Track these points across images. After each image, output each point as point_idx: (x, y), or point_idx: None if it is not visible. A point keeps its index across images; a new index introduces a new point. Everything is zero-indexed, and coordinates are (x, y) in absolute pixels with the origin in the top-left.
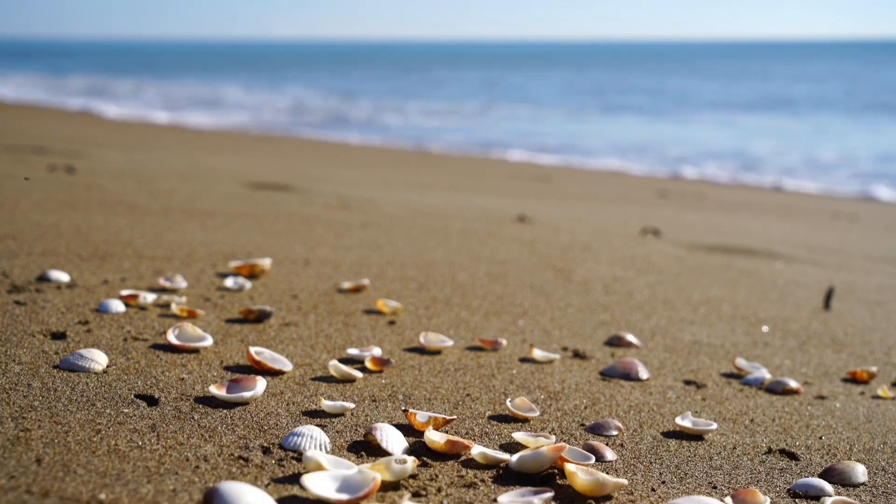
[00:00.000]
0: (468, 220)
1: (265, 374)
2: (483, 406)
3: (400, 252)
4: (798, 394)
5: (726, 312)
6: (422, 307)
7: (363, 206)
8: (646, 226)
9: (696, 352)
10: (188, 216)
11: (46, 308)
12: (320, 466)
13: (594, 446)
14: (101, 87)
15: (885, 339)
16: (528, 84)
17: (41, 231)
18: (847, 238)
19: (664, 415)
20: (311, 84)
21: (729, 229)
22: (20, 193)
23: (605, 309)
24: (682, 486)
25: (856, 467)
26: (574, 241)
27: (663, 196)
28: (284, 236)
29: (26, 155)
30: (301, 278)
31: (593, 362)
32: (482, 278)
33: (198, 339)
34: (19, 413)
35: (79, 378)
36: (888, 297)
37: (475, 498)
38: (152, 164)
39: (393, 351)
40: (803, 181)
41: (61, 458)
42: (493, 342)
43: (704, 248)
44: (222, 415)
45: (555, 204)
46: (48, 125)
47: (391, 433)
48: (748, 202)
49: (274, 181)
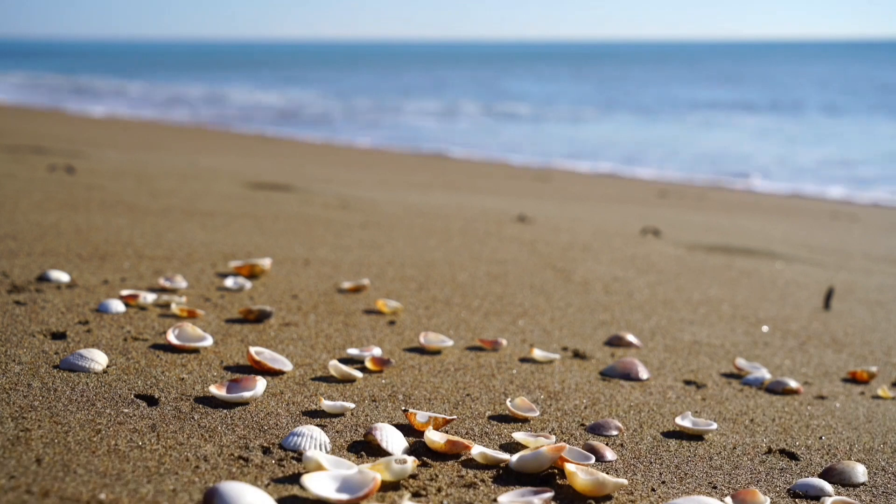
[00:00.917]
0: (468, 220)
1: (265, 374)
2: (483, 406)
3: (400, 252)
4: (798, 394)
5: (726, 312)
6: (422, 307)
7: (363, 206)
8: (646, 226)
9: (696, 352)
10: (188, 216)
11: (46, 308)
12: (320, 466)
13: (594, 446)
14: (77, 86)
15: (885, 339)
16: (529, 84)
17: (41, 231)
18: (847, 238)
19: (664, 415)
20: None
21: (729, 229)
22: (20, 193)
23: (605, 309)
24: (682, 486)
25: (856, 467)
26: (574, 241)
27: (663, 196)
28: (284, 236)
29: (26, 155)
30: (301, 278)
31: (593, 362)
32: (482, 278)
33: (198, 339)
34: (19, 413)
35: (79, 378)
36: (888, 297)
37: (475, 498)
38: (152, 164)
39: (393, 351)
40: (803, 181)
41: (61, 458)
42: (493, 342)
43: (704, 248)
44: (222, 415)
45: (555, 204)
46: (48, 125)
47: (391, 433)
48: (748, 202)
49: (274, 181)
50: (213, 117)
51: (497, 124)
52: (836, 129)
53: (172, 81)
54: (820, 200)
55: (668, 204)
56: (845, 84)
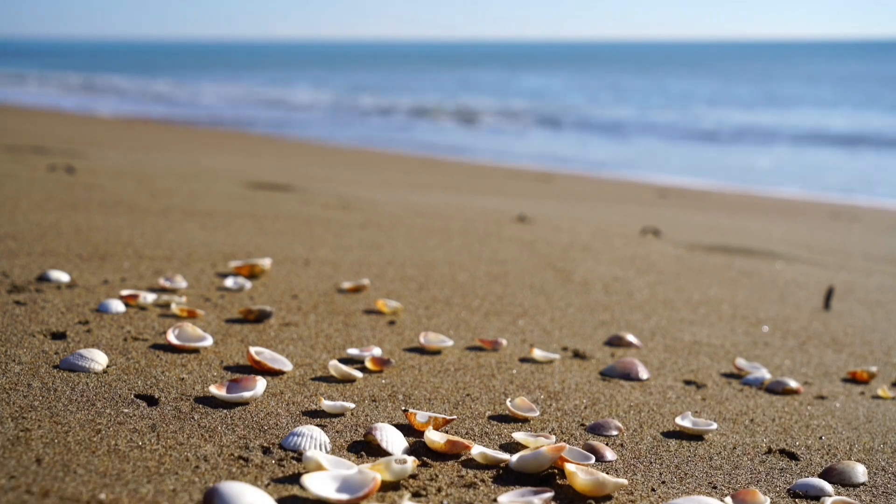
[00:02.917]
0: (468, 220)
1: (265, 374)
2: (483, 406)
3: (400, 252)
4: (798, 394)
5: (726, 312)
6: (422, 307)
7: (363, 206)
8: (646, 226)
9: (696, 352)
10: (188, 216)
11: (46, 308)
12: (320, 466)
13: (594, 446)
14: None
15: (885, 339)
16: (530, 84)
17: (41, 231)
18: (847, 238)
19: (664, 415)
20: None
21: (729, 229)
22: (20, 193)
23: (605, 309)
24: (682, 486)
25: (856, 467)
26: (574, 241)
27: (663, 196)
28: (284, 236)
29: (26, 155)
30: (301, 278)
31: (593, 362)
32: (482, 278)
33: (198, 339)
34: (19, 413)
35: (79, 378)
36: (888, 297)
37: (475, 498)
38: (152, 164)
39: (393, 351)
40: (803, 181)
41: (61, 458)
42: (493, 342)
43: (704, 248)
44: (222, 415)
45: (555, 204)
46: (48, 125)
47: (391, 433)
48: (748, 202)
49: (274, 181)
50: (213, 117)
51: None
52: (835, 128)
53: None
54: (820, 200)
55: (668, 204)
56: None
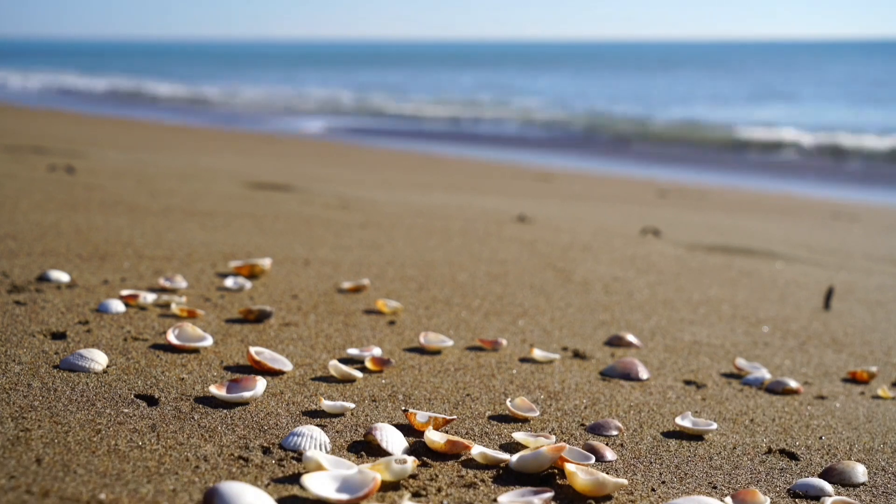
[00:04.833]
0: (468, 220)
1: (265, 374)
2: (483, 406)
3: (400, 252)
4: (798, 394)
5: (726, 312)
6: (422, 307)
7: (363, 206)
8: (646, 226)
9: (696, 352)
10: (188, 216)
11: (46, 308)
12: (320, 466)
13: (594, 446)
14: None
15: (885, 339)
16: (529, 85)
17: (41, 231)
18: (847, 238)
19: (664, 415)
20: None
21: (729, 229)
22: (20, 193)
23: (605, 309)
24: (682, 486)
25: (856, 467)
26: (574, 241)
27: (663, 196)
28: (284, 236)
29: (26, 155)
30: (301, 278)
31: (593, 362)
32: (482, 278)
33: (198, 339)
34: (19, 413)
35: (79, 378)
36: (888, 297)
37: (475, 498)
38: (152, 164)
39: (393, 351)
40: (804, 180)
41: (61, 458)
42: (493, 342)
43: (704, 248)
44: (222, 415)
45: (555, 204)
46: (48, 125)
47: (391, 433)
48: (748, 202)
49: (274, 181)
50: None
51: (498, 124)
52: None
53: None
54: (820, 200)
55: (668, 204)
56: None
